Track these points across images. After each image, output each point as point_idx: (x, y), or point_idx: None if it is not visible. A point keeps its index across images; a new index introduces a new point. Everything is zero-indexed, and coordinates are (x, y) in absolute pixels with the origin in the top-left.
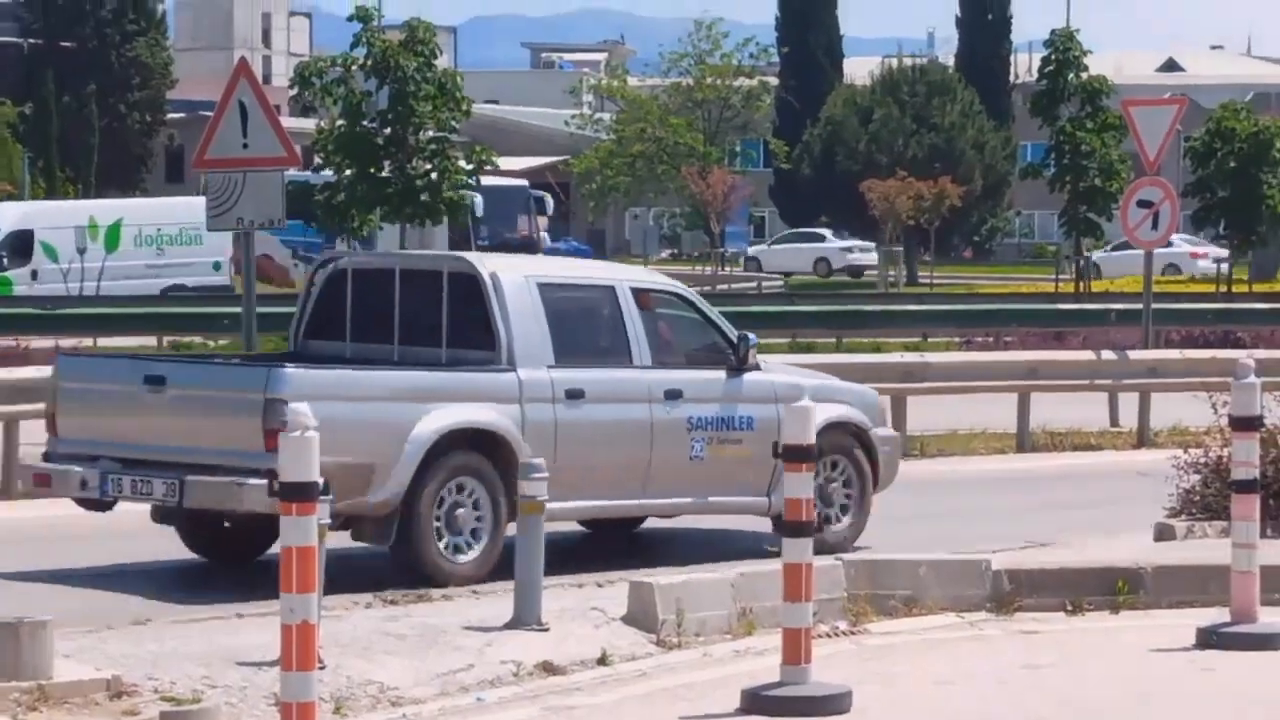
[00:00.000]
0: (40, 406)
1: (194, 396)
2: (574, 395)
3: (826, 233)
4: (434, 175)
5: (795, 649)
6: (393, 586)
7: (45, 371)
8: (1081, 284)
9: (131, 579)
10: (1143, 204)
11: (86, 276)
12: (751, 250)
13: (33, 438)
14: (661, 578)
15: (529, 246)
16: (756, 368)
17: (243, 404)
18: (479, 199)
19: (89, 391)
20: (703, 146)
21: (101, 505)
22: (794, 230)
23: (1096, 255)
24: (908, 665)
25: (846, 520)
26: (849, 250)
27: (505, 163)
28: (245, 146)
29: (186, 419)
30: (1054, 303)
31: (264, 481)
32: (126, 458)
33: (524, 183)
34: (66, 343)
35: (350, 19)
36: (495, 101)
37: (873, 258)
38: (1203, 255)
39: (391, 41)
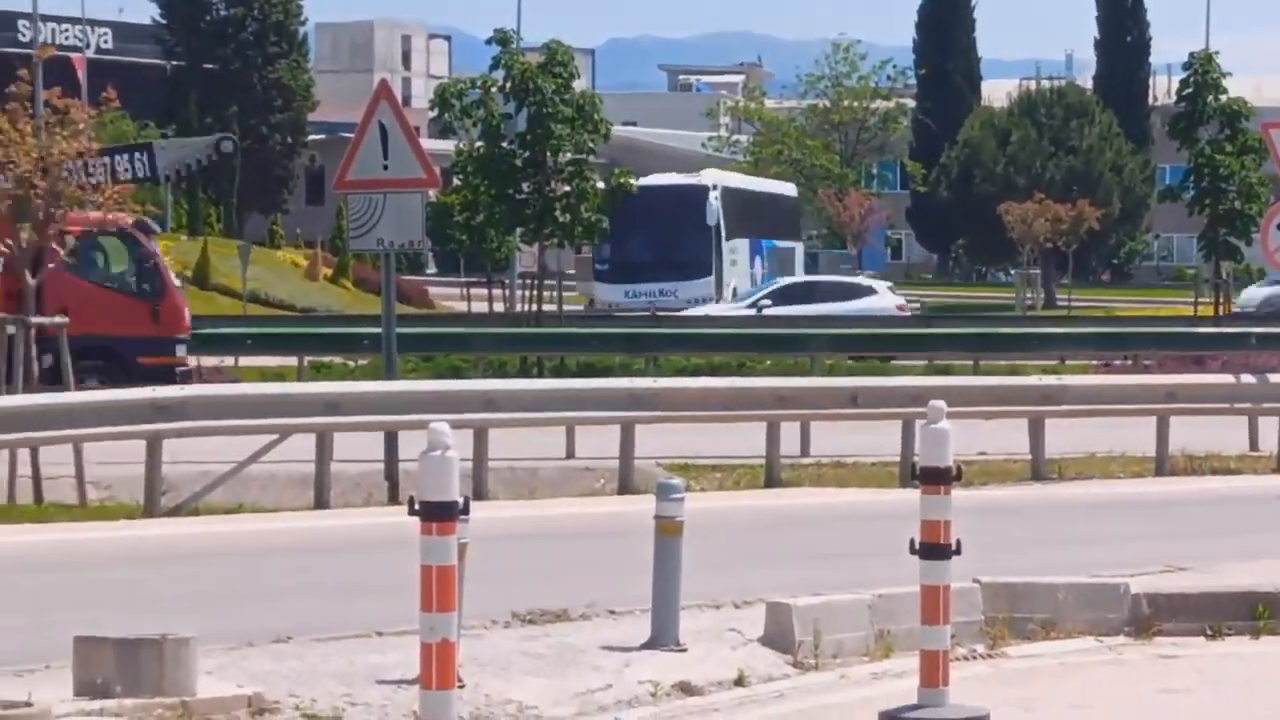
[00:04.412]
0: (182, 425)
1: None
2: None
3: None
4: (572, 198)
5: (933, 671)
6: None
7: (188, 391)
8: (1220, 307)
9: (274, 596)
10: None
11: None
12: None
13: (172, 456)
14: (799, 599)
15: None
16: None
17: None
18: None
19: None
20: (839, 169)
21: None
22: None
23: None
24: (1045, 689)
25: None
26: None
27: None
28: (386, 168)
29: None
30: (1193, 326)
31: None
32: None
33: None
34: (209, 362)
35: (489, 41)
36: (633, 123)
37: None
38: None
39: (530, 64)
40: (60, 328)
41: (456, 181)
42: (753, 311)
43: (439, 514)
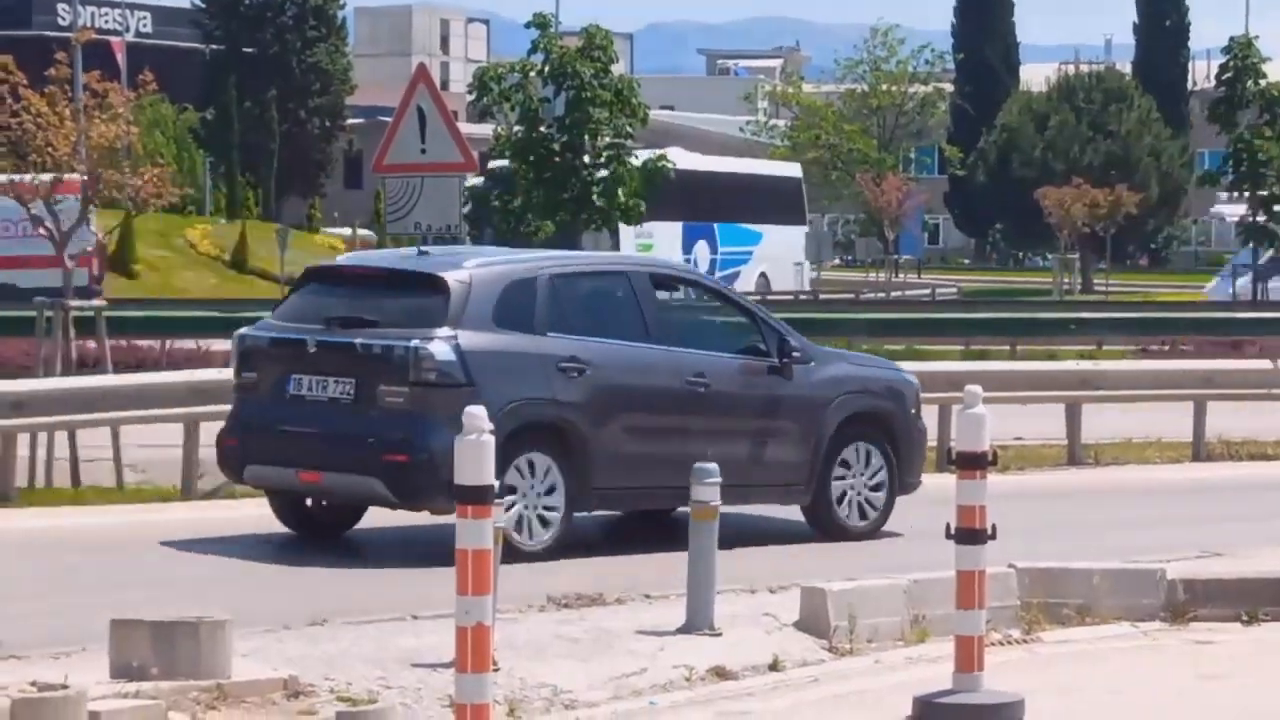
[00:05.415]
0: (220, 408)
1: None
2: None
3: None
4: (610, 181)
5: (968, 656)
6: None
7: (225, 374)
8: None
9: (309, 578)
10: None
11: None
12: None
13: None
14: (834, 584)
15: None
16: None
17: None
18: None
19: None
20: (877, 153)
21: None
22: None
23: None
24: (1081, 674)
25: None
26: None
27: None
28: (423, 152)
29: None
30: (1231, 311)
31: None
32: None
33: None
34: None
35: (528, 26)
36: (671, 107)
37: None
38: None
39: (569, 48)
40: (99, 310)
41: (491, 165)
42: None
43: (475, 498)
